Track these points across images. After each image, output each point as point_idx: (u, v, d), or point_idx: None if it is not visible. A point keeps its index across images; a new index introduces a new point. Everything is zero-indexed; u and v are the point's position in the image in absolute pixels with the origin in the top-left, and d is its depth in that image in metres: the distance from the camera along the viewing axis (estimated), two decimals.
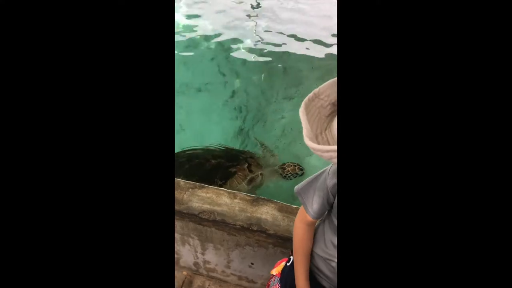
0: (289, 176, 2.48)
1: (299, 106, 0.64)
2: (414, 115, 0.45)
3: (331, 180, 0.88)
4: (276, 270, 1.15)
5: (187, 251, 1.71)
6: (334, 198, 0.88)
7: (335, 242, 0.91)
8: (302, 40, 4.26)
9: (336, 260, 0.93)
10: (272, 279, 1.15)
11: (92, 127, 0.49)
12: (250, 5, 5.18)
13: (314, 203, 0.93)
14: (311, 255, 1.01)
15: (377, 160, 0.46)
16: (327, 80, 0.67)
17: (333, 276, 0.96)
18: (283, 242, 1.42)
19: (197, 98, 3.38)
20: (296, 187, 0.99)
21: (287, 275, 1.07)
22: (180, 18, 4.74)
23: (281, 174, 2.52)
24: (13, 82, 0.46)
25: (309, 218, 0.96)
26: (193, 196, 1.56)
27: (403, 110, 0.46)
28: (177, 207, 1.51)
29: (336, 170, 0.85)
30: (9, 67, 0.46)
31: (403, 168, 0.46)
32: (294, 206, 1.53)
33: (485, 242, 0.43)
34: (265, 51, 4.04)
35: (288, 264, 1.11)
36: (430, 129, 0.45)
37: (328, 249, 0.95)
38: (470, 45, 0.44)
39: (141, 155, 0.51)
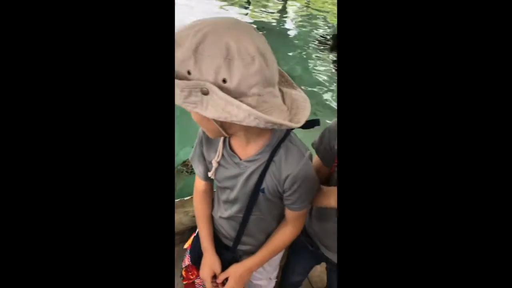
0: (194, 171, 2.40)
1: None
2: (413, 115, 0.44)
3: (200, 132, 0.89)
4: (187, 244, 1.15)
5: None
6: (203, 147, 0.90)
7: (221, 198, 0.93)
8: None
9: (224, 216, 0.94)
10: (185, 253, 1.14)
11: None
12: None
13: (199, 165, 0.95)
14: (213, 220, 1.02)
15: (376, 160, 0.46)
16: None
17: (227, 233, 0.98)
18: (182, 236, 1.35)
19: None
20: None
21: (196, 245, 1.07)
22: None
23: (187, 172, 2.40)
24: (9, 82, 0.43)
25: (202, 183, 0.98)
26: None
27: (403, 109, 0.45)
28: None
29: None
30: (7, 67, 0.43)
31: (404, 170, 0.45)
32: (177, 200, 1.47)
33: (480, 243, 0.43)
34: None
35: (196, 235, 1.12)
36: (433, 133, 0.44)
37: (220, 207, 0.96)
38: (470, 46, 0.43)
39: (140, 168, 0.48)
